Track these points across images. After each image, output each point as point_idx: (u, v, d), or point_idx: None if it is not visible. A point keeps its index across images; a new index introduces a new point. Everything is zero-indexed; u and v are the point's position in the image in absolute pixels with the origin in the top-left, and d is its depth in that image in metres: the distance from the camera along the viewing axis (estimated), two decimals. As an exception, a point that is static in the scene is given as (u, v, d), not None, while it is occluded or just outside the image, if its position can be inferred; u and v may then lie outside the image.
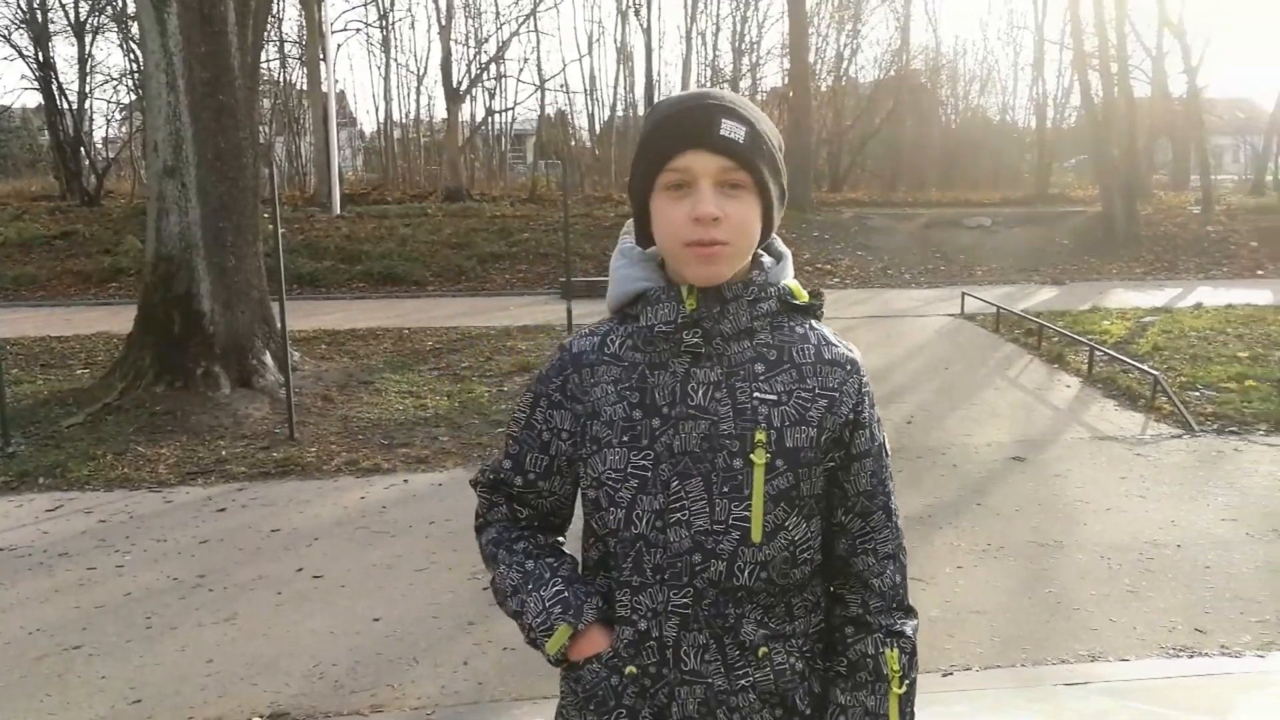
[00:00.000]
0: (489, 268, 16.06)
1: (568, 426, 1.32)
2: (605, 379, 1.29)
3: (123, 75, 24.95)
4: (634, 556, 1.26)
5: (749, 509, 1.23)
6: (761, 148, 1.23)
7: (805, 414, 1.26)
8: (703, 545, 1.24)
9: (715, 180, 1.20)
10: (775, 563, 1.26)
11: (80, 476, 5.88)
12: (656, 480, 1.25)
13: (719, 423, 1.24)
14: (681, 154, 1.20)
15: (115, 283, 14.69)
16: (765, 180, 1.23)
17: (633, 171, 1.28)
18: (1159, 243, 17.80)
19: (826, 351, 1.30)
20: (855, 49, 31.37)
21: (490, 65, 27.44)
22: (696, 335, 1.25)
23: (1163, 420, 6.90)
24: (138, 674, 3.56)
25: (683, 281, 1.26)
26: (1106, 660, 3.56)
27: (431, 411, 7.40)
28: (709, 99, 1.23)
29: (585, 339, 1.34)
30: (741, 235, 1.22)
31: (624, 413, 1.27)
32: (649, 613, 1.27)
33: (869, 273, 16.34)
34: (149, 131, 7.98)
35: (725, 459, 1.24)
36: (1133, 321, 10.92)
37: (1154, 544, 4.62)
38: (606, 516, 1.28)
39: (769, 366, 1.27)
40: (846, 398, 1.28)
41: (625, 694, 1.29)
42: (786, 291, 1.30)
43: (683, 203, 1.21)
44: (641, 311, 1.28)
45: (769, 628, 1.28)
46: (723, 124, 1.20)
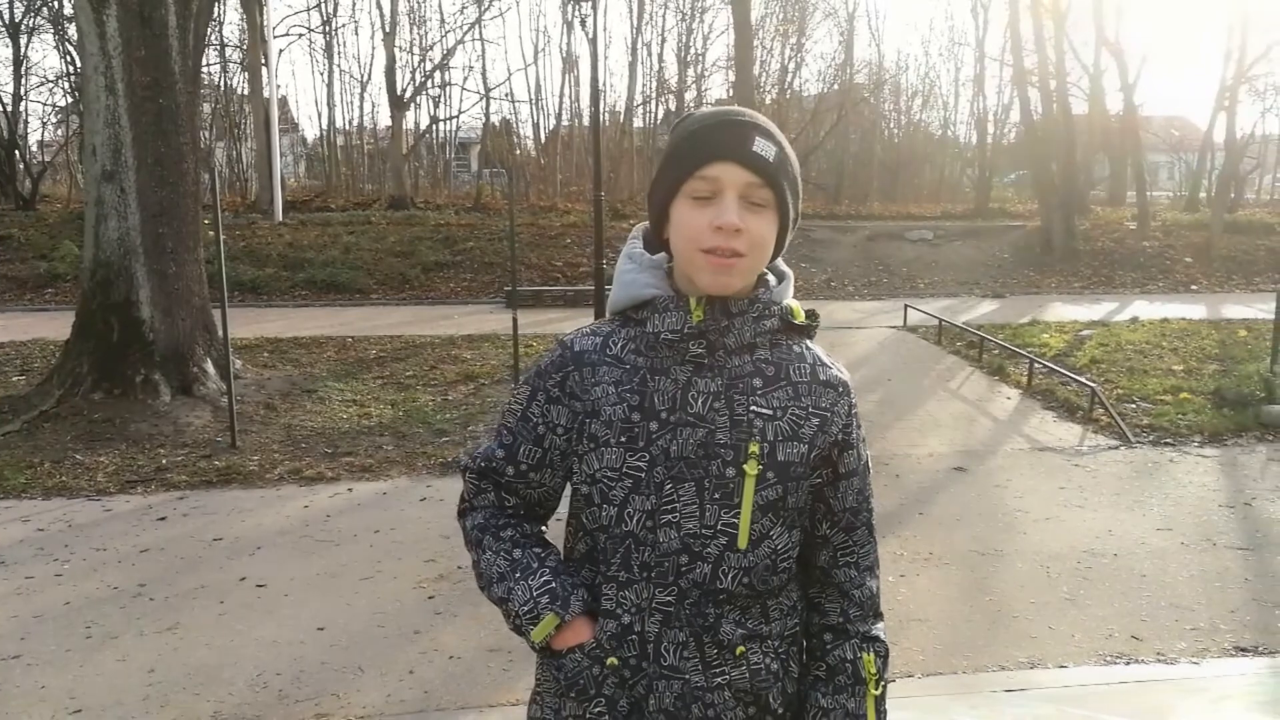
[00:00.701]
0: (433, 276, 15.95)
1: (563, 422, 1.35)
2: (606, 379, 1.32)
3: (59, 78, 24.38)
4: (623, 553, 1.30)
5: (737, 516, 1.28)
6: (787, 169, 1.29)
7: (798, 431, 1.31)
8: (690, 547, 1.28)
9: (741, 194, 1.24)
10: (758, 569, 1.31)
11: (17, 484, 5.72)
12: (650, 482, 1.28)
13: (715, 432, 1.28)
14: (712, 164, 1.25)
15: (51, 288, 14.31)
16: (786, 201, 1.28)
17: (658, 176, 1.32)
18: (1096, 257, 18.32)
19: (821, 373, 1.35)
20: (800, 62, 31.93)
21: (435, 73, 27.29)
22: (701, 346, 1.29)
23: (1100, 432, 7.10)
24: (77, 684, 3.47)
25: (692, 290, 1.31)
26: (1045, 667, 3.65)
27: (376, 420, 7.32)
28: (744, 116, 1.28)
29: (588, 338, 1.37)
30: (758, 250, 1.27)
31: (623, 414, 1.30)
32: (633, 608, 1.31)
33: (813, 285, 16.55)
34: (87, 135, 7.79)
35: (719, 467, 1.28)
36: (1071, 335, 11.23)
37: (1091, 553, 4.75)
38: (599, 513, 1.31)
39: (767, 382, 1.32)
40: (837, 418, 1.34)
41: (605, 684, 1.32)
42: (787, 310, 1.35)
43: (706, 210, 1.25)
44: (648, 318, 1.32)
45: (746, 628, 1.32)
46: (756, 141, 1.25)
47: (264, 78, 21.08)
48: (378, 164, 28.44)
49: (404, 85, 25.24)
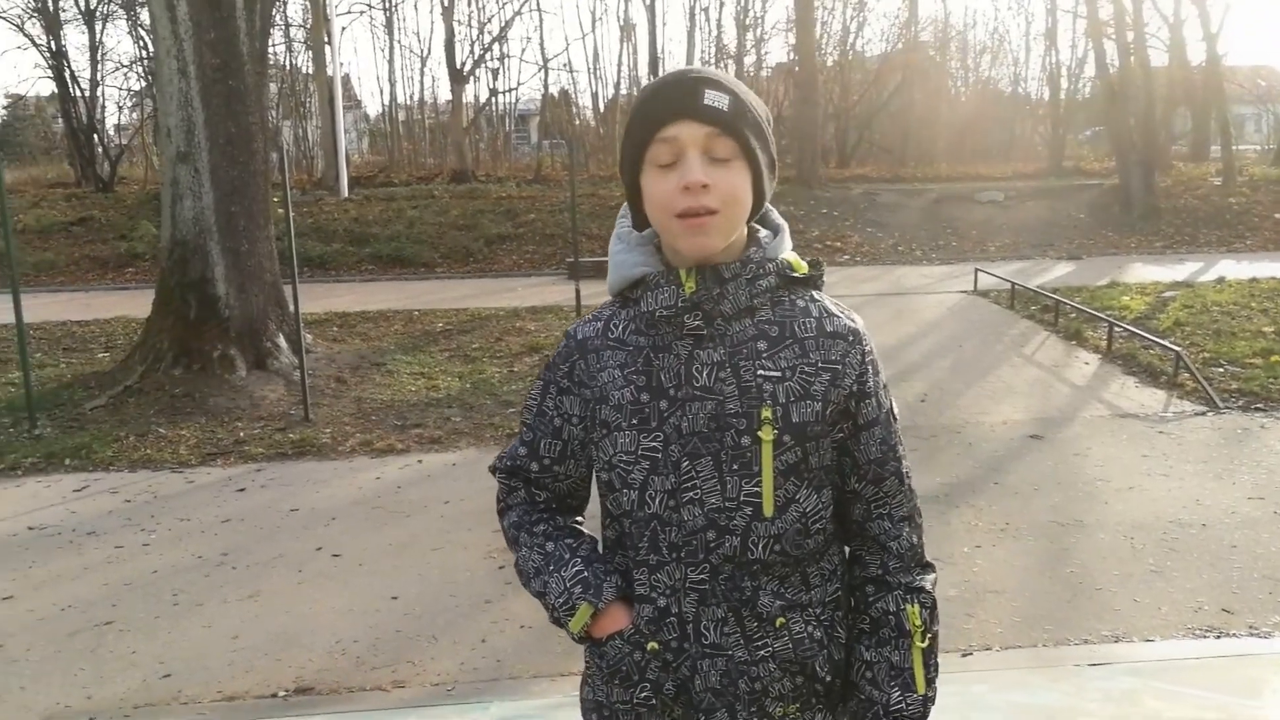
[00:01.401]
0: (496, 249, 16.05)
1: (577, 411, 1.35)
2: (611, 363, 1.31)
3: (133, 62, 25.04)
4: (649, 536, 1.29)
5: (759, 485, 1.25)
6: (746, 116, 1.24)
7: (809, 388, 1.27)
8: (716, 522, 1.26)
9: (702, 149, 1.21)
10: (789, 535, 1.27)
11: (105, 457, 5.93)
12: (667, 461, 1.26)
13: (725, 402, 1.25)
14: (668, 125, 1.21)
15: (132, 267, 14.77)
16: (752, 147, 1.24)
17: (622, 153, 1.29)
18: (1179, 215, 17.61)
19: (828, 324, 1.30)
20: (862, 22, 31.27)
21: (493, 45, 27.32)
22: (698, 318, 1.26)
23: (1185, 397, 6.84)
24: (166, 649, 3.60)
25: (678, 259, 1.28)
26: (1130, 641, 3.54)
27: (443, 392, 7.41)
28: (692, 72, 1.24)
29: (589, 324, 1.36)
30: (732, 203, 1.23)
31: (631, 396, 1.29)
32: (668, 590, 1.29)
33: (879, 250, 16.24)
34: (162, 117, 7.98)
35: (733, 437, 1.25)
36: (1153, 297, 10.82)
37: (1178, 523, 4.59)
38: (620, 498, 1.30)
39: (771, 343, 1.28)
40: (850, 369, 1.29)
41: (649, 669, 1.31)
42: (785, 265, 1.31)
43: (672, 175, 1.22)
44: (642, 296, 1.30)
45: (785, 598, 1.30)
46: (706, 94, 1.21)
47: (327, 56, 21.34)
48: (439, 138, 28.65)
49: (463, 59, 25.37)
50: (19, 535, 4.77)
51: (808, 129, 20.78)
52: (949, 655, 3.44)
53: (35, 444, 6.18)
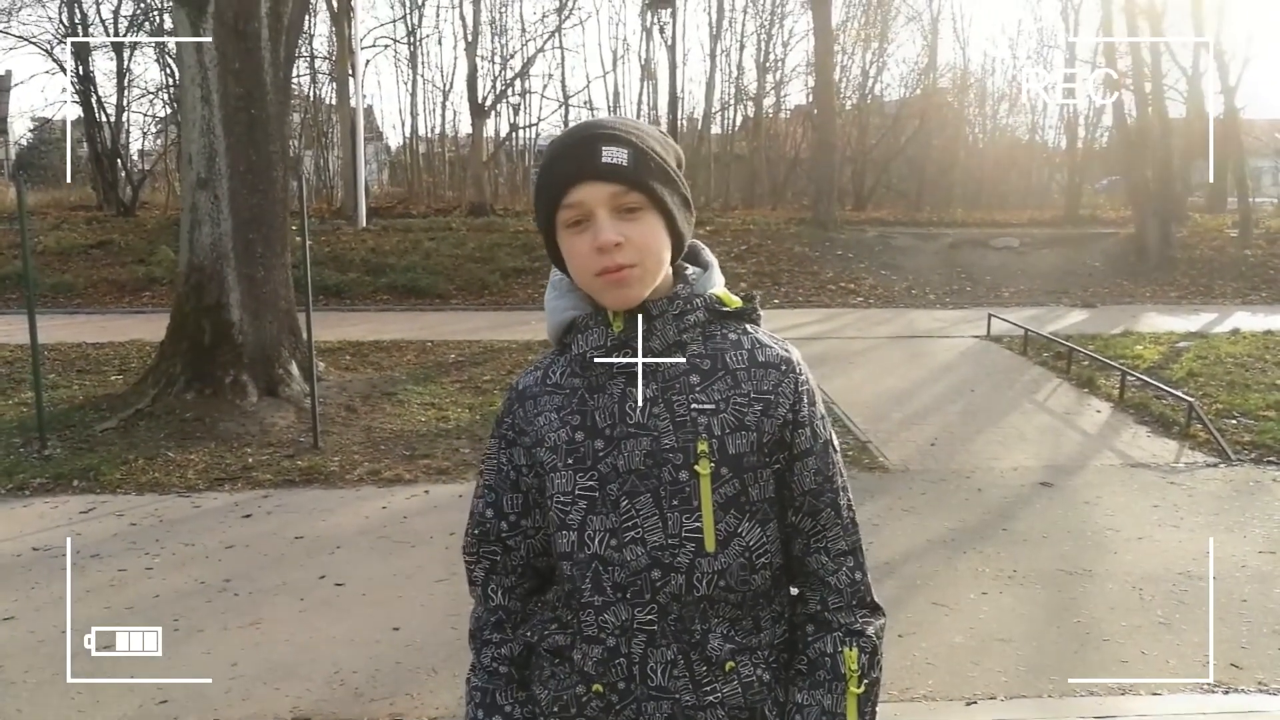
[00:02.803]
0: (512, 282, 16.13)
1: (524, 461, 1.35)
2: (548, 407, 1.32)
3: (159, 89, 25.37)
4: (592, 576, 1.27)
5: (700, 519, 1.24)
6: (650, 165, 1.24)
7: (743, 419, 1.26)
8: (660, 560, 1.24)
9: (610, 207, 1.21)
10: (732, 570, 1.26)
11: (113, 480, 5.96)
12: (605, 500, 1.26)
13: (660, 437, 1.25)
14: (571, 189, 1.22)
15: (149, 291, 14.89)
16: (660, 196, 1.24)
17: (535, 213, 1.31)
18: (1195, 266, 17.55)
19: (760, 354, 1.30)
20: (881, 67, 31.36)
21: (515, 81, 27.65)
22: (628, 355, 1.27)
23: (1198, 448, 6.78)
24: (164, 675, 3.59)
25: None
26: (1138, 694, 3.49)
27: (453, 423, 7.42)
28: (588, 129, 1.26)
29: (530, 374, 1.38)
30: (647, 255, 1.23)
31: (567, 436, 1.29)
32: (616, 630, 1.27)
33: (893, 292, 16.24)
34: (184, 144, 8.10)
35: (671, 472, 1.25)
36: (1167, 346, 10.76)
37: (1188, 575, 4.53)
38: (560, 539, 1.29)
39: (704, 376, 1.28)
40: (783, 399, 1.29)
41: (588, 706, 1.30)
42: (714, 300, 1.31)
43: (584, 235, 1.23)
44: (574, 339, 1.31)
45: (735, 641, 1.28)
46: (603, 151, 1.21)
47: (351, 88, 21.66)
48: (458, 171, 28.94)
49: (485, 93, 25.65)
50: (23, 556, 4.79)
51: (825, 171, 20.89)
52: (953, 704, 3.40)
53: (44, 464, 6.22)
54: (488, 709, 1.37)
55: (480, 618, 1.42)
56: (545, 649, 1.35)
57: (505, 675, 1.38)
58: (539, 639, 1.36)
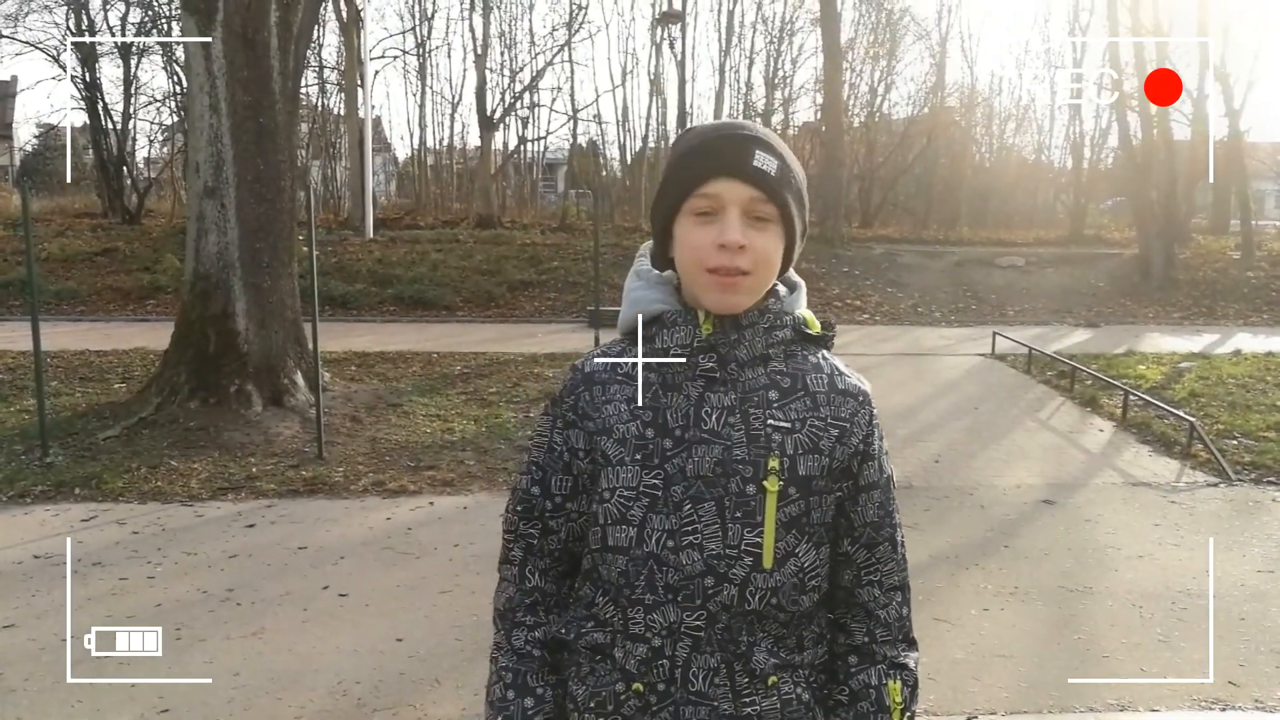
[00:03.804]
0: (518, 295, 16.17)
1: (583, 445, 1.33)
2: (618, 397, 1.31)
3: (166, 97, 25.45)
4: (647, 574, 1.26)
5: (761, 535, 1.24)
6: (791, 182, 1.25)
7: (818, 443, 1.27)
8: (715, 569, 1.24)
9: (744, 210, 1.22)
10: (785, 589, 1.26)
11: (115, 488, 5.97)
12: (668, 500, 1.25)
13: (732, 448, 1.25)
14: (713, 181, 1.22)
15: (154, 300, 14.95)
16: (792, 214, 1.25)
17: (659, 194, 1.30)
18: (1197, 287, 17.59)
19: (839, 381, 1.31)
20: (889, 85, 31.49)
21: (524, 94, 27.78)
22: (712, 360, 1.27)
23: (1199, 468, 6.79)
24: (166, 684, 3.59)
25: (699, 306, 1.28)
26: (1136, 710, 3.49)
27: (458, 435, 7.43)
28: (744, 130, 1.26)
29: (598, 359, 1.36)
30: (764, 266, 1.24)
31: (637, 431, 1.28)
32: (663, 630, 1.27)
33: (899, 310, 16.27)
34: (191, 152, 8.14)
35: (739, 484, 1.25)
36: (1169, 367, 10.78)
37: (1187, 593, 4.54)
38: (614, 532, 1.28)
39: (783, 394, 1.28)
40: (857, 429, 1.30)
41: (625, 705, 1.30)
42: (801, 321, 1.32)
43: (709, 228, 1.22)
44: (657, 334, 1.30)
45: (779, 657, 1.29)
46: (756, 155, 1.22)
47: (359, 99, 21.77)
48: (466, 183, 29.05)
49: (493, 106, 25.79)
50: (24, 563, 4.80)
51: (832, 188, 20.94)
52: (954, 718, 3.40)
53: (46, 472, 6.23)
54: (519, 690, 1.35)
55: (513, 599, 1.40)
56: (584, 646, 1.34)
57: (538, 659, 1.37)
58: (575, 636, 1.35)
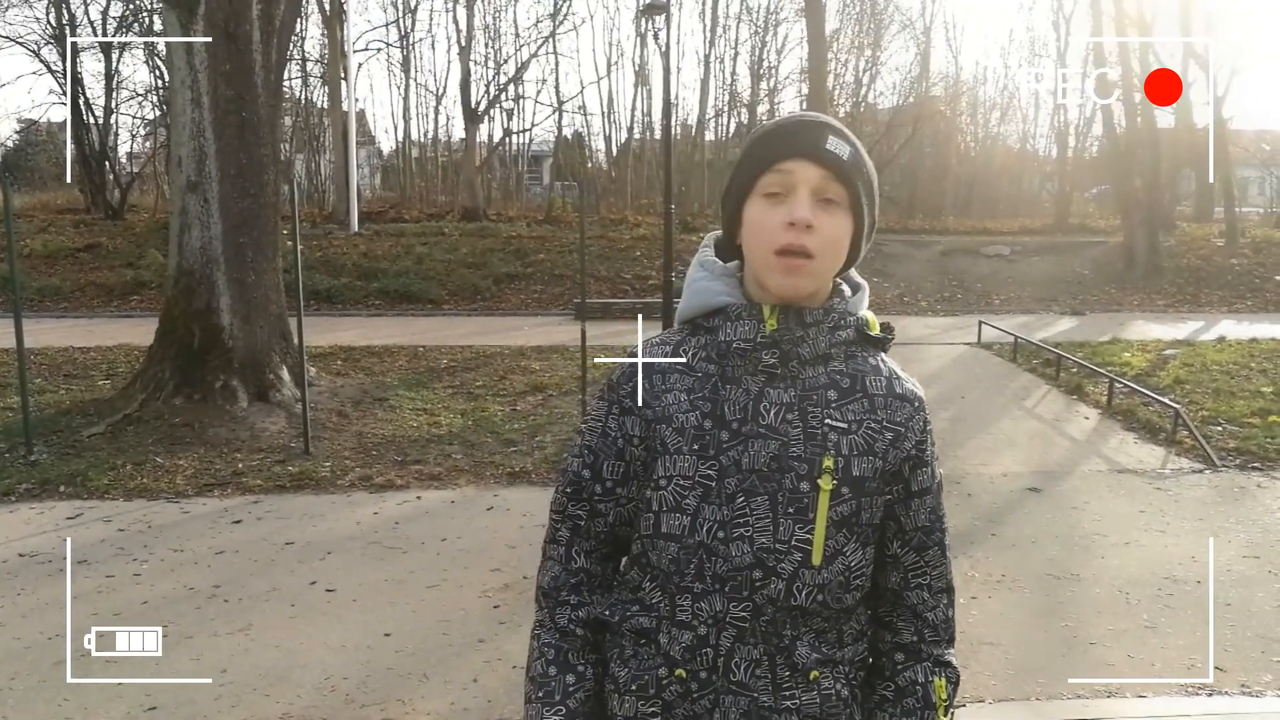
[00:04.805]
0: (504, 288, 16.14)
1: (639, 432, 1.33)
2: (678, 387, 1.31)
3: (148, 91, 25.31)
4: (697, 563, 1.27)
5: (812, 532, 1.25)
6: (862, 171, 1.27)
7: (873, 445, 1.28)
8: (764, 562, 1.25)
9: (814, 190, 1.23)
10: (831, 586, 1.27)
11: (100, 485, 5.93)
12: (721, 492, 1.26)
13: (789, 444, 1.26)
14: (785, 160, 1.24)
15: (137, 295, 14.84)
16: (860, 201, 1.26)
17: (732, 177, 1.31)
18: (1182, 275, 17.70)
19: (898, 386, 1.32)
20: (874, 75, 31.50)
21: (509, 86, 27.68)
22: (774, 355, 1.27)
23: (1184, 454, 6.83)
24: (153, 682, 3.57)
25: (764, 298, 1.29)
26: (1124, 696, 3.52)
27: (445, 429, 7.41)
28: (820, 117, 1.28)
29: (658, 347, 1.36)
30: (830, 250, 1.25)
31: (695, 421, 1.28)
32: (709, 619, 1.28)
33: (885, 300, 16.31)
34: (174, 147, 8.07)
35: (793, 480, 1.25)
36: (1154, 354, 10.85)
37: (1174, 579, 4.57)
38: (668, 520, 1.29)
39: (841, 394, 1.29)
40: (912, 434, 1.31)
41: (666, 690, 1.30)
42: (863, 322, 1.33)
43: (779, 209, 1.23)
44: (720, 325, 1.30)
45: (821, 652, 1.30)
46: (830, 139, 1.24)
47: (343, 92, 21.66)
48: (451, 176, 28.93)
49: (478, 98, 25.67)
50: (9, 562, 4.76)
51: (815, 178, 20.96)
52: (941, 708, 3.42)
53: (31, 470, 6.18)
54: (561, 666, 1.36)
55: (558, 577, 1.40)
56: (629, 629, 1.34)
57: (580, 637, 1.38)
58: (620, 619, 1.36)
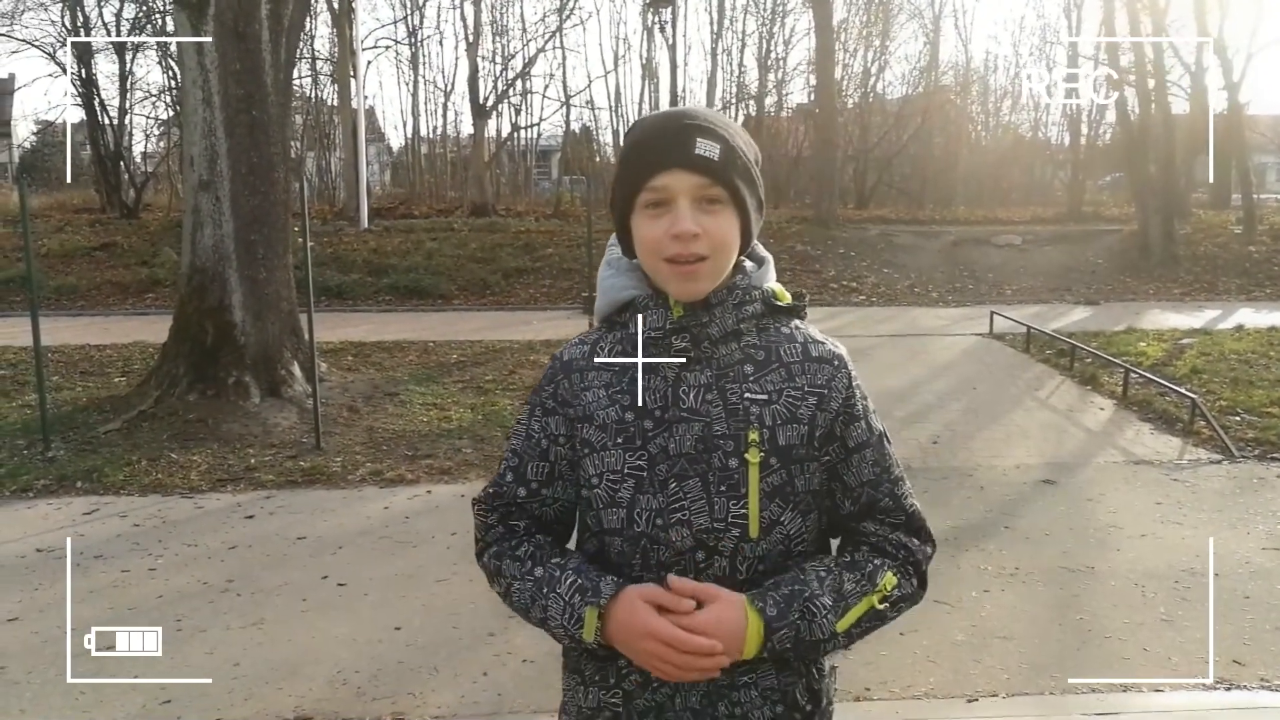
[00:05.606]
0: (513, 282, 16.14)
1: (563, 431, 1.35)
2: (596, 384, 1.33)
3: (161, 92, 25.47)
4: (641, 554, 1.29)
5: (746, 506, 1.26)
6: (736, 163, 1.27)
7: (796, 412, 1.29)
8: (705, 543, 1.27)
9: (693, 197, 1.24)
10: (771, 556, 1.29)
11: (116, 481, 5.97)
12: (654, 480, 1.28)
13: (712, 424, 1.27)
14: (659, 174, 1.24)
15: (152, 293, 14.92)
16: (742, 195, 1.27)
17: (612, 191, 1.32)
18: (1198, 263, 17.52)
19: (813, 349, 1.33)
20: (883, 65, 31.26)
21: (516, 81, 27.65)
22: (685, 340, 1.29)
23: (1201, 445, 6.77)
24: (167, 675, 3.59)
25: None
26: (1140, 691, 3.49)
27: (455, 424, 7.42)
28: (684, 118, 1.27)
29: (576, 347, 1.38)
30: (721, 250, 1.26)
31: (616, 415, 1.30)
32: None
33: (895, 291, 16.23)
34: (186, 146, 8.10)
35: (721, 459, 1.27)
36: (1170, 343, 10.74)
37: (1191, 572, 4.53)
38: (607, 515, 1.31)
39: (758, 367, 1.30)
40: (836, 393, 1.31)
41: (626, 680, 1.32)
42: (770, 294, 1.34)
43: (661, 220, 1.24)
44: (630, 319, 1.33)
45: None
46: (698, 143, 1.24)
47: (352, 89, 21.68)
48: (460, 172, 28.95)
49: (486, 94, 25.67)
50: (27, 557, 4.80)
51: (826, 170, 20.89)
52: (954, 701, 3.40)
53: (48, 466, 6.23)
54: (543, 564, 1.33)
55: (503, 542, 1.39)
56: None
57: (548, 546, 1.37)
58: None
